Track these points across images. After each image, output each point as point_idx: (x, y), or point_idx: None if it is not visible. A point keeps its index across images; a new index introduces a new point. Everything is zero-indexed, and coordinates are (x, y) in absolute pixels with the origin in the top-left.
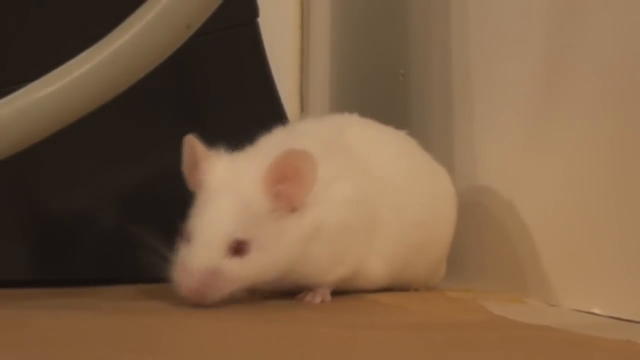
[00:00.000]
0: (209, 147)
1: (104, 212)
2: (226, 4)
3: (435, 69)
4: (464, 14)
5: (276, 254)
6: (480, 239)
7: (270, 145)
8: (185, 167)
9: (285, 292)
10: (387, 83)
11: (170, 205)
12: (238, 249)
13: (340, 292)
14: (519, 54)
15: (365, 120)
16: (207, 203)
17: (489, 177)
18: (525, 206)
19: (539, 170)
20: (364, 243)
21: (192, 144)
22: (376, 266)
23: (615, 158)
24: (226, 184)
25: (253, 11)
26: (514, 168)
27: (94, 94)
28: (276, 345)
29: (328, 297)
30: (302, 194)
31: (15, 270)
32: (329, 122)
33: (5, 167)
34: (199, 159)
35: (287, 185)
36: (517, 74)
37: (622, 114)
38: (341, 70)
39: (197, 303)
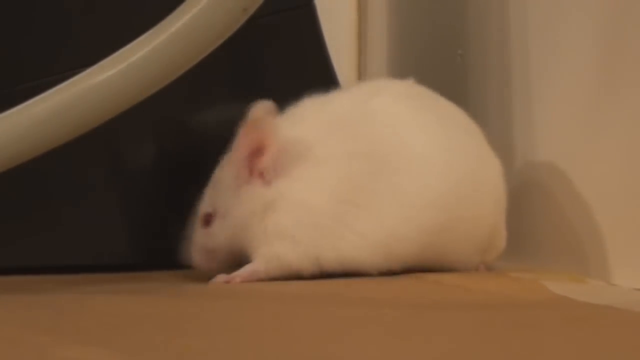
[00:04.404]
0: None
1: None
2: None
3: (493, 49)
4: None
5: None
6: (541, 218)
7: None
8: None
9: None
10: (445, 63)
11: None
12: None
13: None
14: (579, 31)
15: (405, 89)
16: None
17: (548, 155)
18: (585, 184)
19: (600, 148)
20: (334, 230)
21: None
22: (362, 252)
23: None
24: None
25: None
26: (574, 146)
27: (151, 79)
28: (337, 328)
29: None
30: (264, 163)
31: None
32: (362, 90)
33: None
34: None
35: (255, 155)
36: (577, 52)
37: None
38: (399, 51)
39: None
